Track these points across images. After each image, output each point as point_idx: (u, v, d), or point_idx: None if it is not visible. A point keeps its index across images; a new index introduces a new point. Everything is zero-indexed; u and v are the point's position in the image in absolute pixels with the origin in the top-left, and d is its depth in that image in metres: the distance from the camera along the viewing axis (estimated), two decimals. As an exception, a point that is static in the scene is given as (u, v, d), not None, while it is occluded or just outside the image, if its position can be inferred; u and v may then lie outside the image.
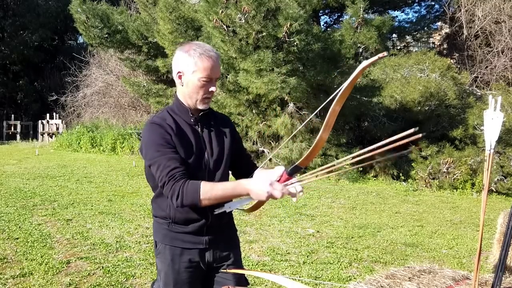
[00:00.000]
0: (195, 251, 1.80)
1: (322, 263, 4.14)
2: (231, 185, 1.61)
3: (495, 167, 8.45)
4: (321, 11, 12.68)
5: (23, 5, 23.37)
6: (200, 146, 1.76)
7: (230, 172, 1.98)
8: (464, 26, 13.84)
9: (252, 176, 1.86)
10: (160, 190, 1.77)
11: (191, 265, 1.80)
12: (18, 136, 20.19)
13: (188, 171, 1.67)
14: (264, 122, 10.16)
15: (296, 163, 1.64)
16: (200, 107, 1.76)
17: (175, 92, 1.85)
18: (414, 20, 15.59)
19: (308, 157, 1.60)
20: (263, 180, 1.55)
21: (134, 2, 15.86)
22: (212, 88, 1.74)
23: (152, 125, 1.71)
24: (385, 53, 1.39)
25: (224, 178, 1.82)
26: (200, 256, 1.80)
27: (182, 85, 1.75)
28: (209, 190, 1.58)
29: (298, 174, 1.68)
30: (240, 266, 1.92)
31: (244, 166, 1.95)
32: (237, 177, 1.95)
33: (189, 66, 1.70)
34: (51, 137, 18.56)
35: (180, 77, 1.74)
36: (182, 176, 1.61)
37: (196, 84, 1.71)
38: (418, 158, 9.36)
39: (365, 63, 1.34)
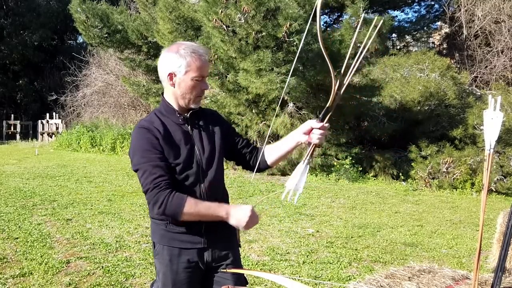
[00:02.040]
0: (194, 251, 1.79)
1: (322, 262, 4.14)
2: (215, 206, 1.66)
3: (494, 166, 8.45)
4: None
5: (24, 5, 23.38)
6: (191, 145, 1.76)
7: (238, 163, 1.99)
8: (464, 26, 13.85)
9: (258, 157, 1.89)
10: None
11: (189, 265, 1.79)
12: (17, 136, 20.20)
13: (174, 178, 1.69)
14: (263, 122, 10.16)
15: (326, 107, 1.67)
16: (193, 106, 1.77)
17: (162, 93, 1.84)
18: (414, 19, 15.64)
19: (333, 100, 1.64)
20: (245, 210, 1.63)
21: (134, 1, 15.85)
22: (204, 87, 1.76)
23: (140, 130, 1.71)
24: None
25: (218, 175, 1.82)
26: (199, 256, 1.80)
27: (174, 86, 1.74)
28: (193, 206, 1.62)
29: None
30: (239, 266, 1.91)
31: (247, 152, 1.94)
32: (245, 165, 1.96)
33: (181, 67, 1.70)
34: (51, 137, 18.56)
35: (171, 78, 1.73)
36: (167, 185, 1.63)
37: (189, 84, 1.71)
38: (418, 158, 9.36)
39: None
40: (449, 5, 14.24)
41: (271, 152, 1.90)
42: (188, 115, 1.80)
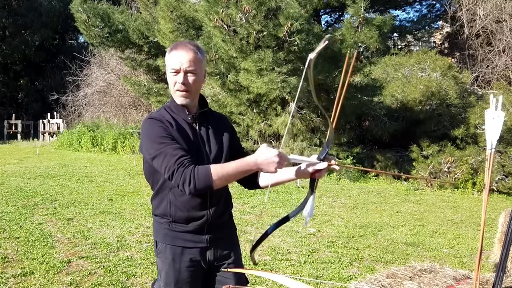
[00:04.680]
0: (196, 250, 1.79)
1: (323, 262, 4.14)
2: (240, 162, 1.58)
3: (496, 166, 8.44)
4: (322, 10, 12.68)
5: (26, 4, 23.40)
6: (198, 144, 1.76)
7: None
8: (465, 25, 13.82)
9: (258, 177, 1.87)
10: (160, 186, 1.77)
11: (192, 264, 1.79)
12: (19, 136, 20.23)
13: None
14: (265, 122, 10.16)
15: (326, 147, 1.64)
16: (177, 101, 1.76)
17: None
18: (415, 19, 15.63)
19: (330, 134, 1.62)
20: (271, 151, 1.52)
21: (135, 1, 15.87)
22: (176, 79, 1.71)
23: (152, 120, 1.71)
24: (327, 37, 1.45)
25: None
26: (201, 255, 1.80)
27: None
28: (220, 170, 1.57)
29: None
30: (241, 265, 1.92)
31: None
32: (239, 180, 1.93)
33: (166, 63, 1.75)
34: (52, 137, 18.59)
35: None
36: (190, 162, 1.60)
37: (170, 78, 1.74)
38: (419, 157, 9.36)
39: (312, 55, 1.36)
40: (450, 4, 14.21)
41: (265, 175, 1.86)
42: (197, 114, 1.80)
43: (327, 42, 1.38)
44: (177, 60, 1.70)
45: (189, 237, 1.79)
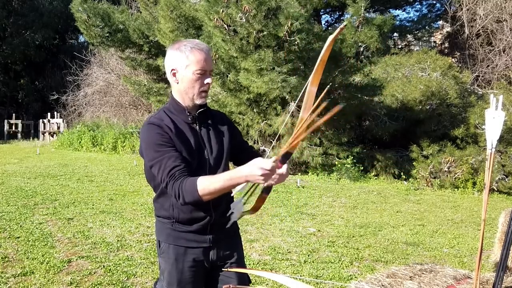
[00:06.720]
0: (199, 250, 1.80)
1: (323, 262, 4.14)
2: (228, 174, 1.54)
3: (496, 166, 8.44)
4: (322, 10, 12.68)
5: (27, 5, 23.40)
6: (199, 144, 1.76)
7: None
8: (466, 25, 13.82)
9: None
10: (162, 190, 1.77)
11: (195, 264, 1.80)
12: (19, 135, 20.24)
13: (190, 168, 1.66)
14: (265, 121, 10.16)
15: (286, 150, 1.56)
16: (198, 102, 1.76)
17: (170, 92, 1.84)
18: (416, 19, 15.64)
19: (294, 142, 1.55)
20: (255, 162, 1.48)
21: (135, 1, 15.88)
22: (207, 80, 1.73)
23: (150, 126, 1.70)
24: (344, 23, 1.46)
25: None
26: (204, 255, 1.81)
27: (177, 82, 1.75)
28: (206, 185, 1.54)
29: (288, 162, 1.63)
30: (243, 264, 1.93)
31: (249, 159, 1.93)
32: None
33: (181, 62, 1.70)
34: (52, 136, 18.59)
35: (174, 74, 1.74)
36: (181, 174, 1.60)
37: (191, 78, 1.71)
38: (419, 157, 9.35)
39: (330, 37, 1.39)
40: (450, 4, 14.21)
41: None
42: (197, 114, 1.80)
43: (343, 25, 1.40)
44: (207, 62, 1.71)
45: (192, 237, 1.79)
